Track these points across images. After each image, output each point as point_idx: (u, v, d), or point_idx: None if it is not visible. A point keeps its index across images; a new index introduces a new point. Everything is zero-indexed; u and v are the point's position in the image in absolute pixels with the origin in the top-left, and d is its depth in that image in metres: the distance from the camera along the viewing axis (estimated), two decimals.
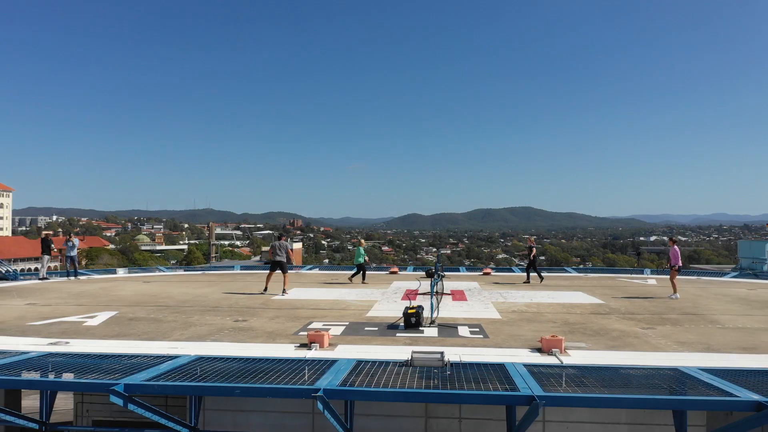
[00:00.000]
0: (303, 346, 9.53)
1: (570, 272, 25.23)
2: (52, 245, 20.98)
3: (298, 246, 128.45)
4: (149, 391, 7.15)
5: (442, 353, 8.36)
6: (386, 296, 16.40)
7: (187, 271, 24.48)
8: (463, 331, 11.07)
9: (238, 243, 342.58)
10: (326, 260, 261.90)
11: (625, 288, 18.93)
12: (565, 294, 16.99)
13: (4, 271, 20.47)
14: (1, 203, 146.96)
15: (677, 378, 7.63)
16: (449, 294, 16.43)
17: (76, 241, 20.97)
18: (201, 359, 8.47)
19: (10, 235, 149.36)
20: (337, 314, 13.11)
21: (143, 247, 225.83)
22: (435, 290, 14.91)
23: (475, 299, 15.73)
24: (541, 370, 7.96)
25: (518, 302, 15.19)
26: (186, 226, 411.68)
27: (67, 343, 9.84)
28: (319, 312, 13.42)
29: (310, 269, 26.38)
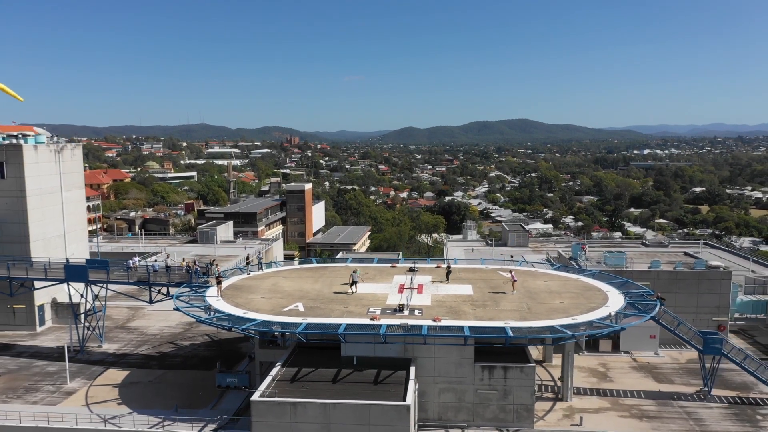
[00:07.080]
0: (372, 320, 37.45)
1: (482, 265, 53.12)
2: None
3: (308, 187, 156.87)
4: (344, 333, 35.27)
5: (408, 323, 36.47)
6: (391, 290, 44.28)
7: (301, 264, 52.52)
8: (416, 312, 39.07)
9: (237, 162, 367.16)
10: (326, 183, 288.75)
11: (491, 281, 46.79)
12: (462, 287, 44.93)
13: (222, 273, 47.90)
14: None
15: (458, 330, 35.71)
16: (416, 288, 44.24)
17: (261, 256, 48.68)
18: (349, 325, 36.45)
19: None
20: (376, 303, 41.04)
21: (157, 175, 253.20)
22: (410, 286, 43.70)
23: (426, 292, 43.65)
24: (431, 327, 36.03)
25: (440, 293, 43.16)
26: (184, 144, 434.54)
27: (306, 319, 37.67)
28: (371, 302, 41.31)
29: (351, 261, 54.03)
